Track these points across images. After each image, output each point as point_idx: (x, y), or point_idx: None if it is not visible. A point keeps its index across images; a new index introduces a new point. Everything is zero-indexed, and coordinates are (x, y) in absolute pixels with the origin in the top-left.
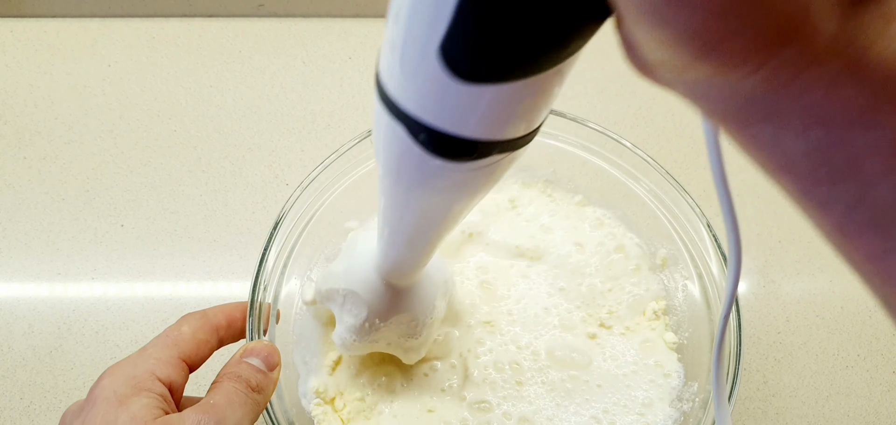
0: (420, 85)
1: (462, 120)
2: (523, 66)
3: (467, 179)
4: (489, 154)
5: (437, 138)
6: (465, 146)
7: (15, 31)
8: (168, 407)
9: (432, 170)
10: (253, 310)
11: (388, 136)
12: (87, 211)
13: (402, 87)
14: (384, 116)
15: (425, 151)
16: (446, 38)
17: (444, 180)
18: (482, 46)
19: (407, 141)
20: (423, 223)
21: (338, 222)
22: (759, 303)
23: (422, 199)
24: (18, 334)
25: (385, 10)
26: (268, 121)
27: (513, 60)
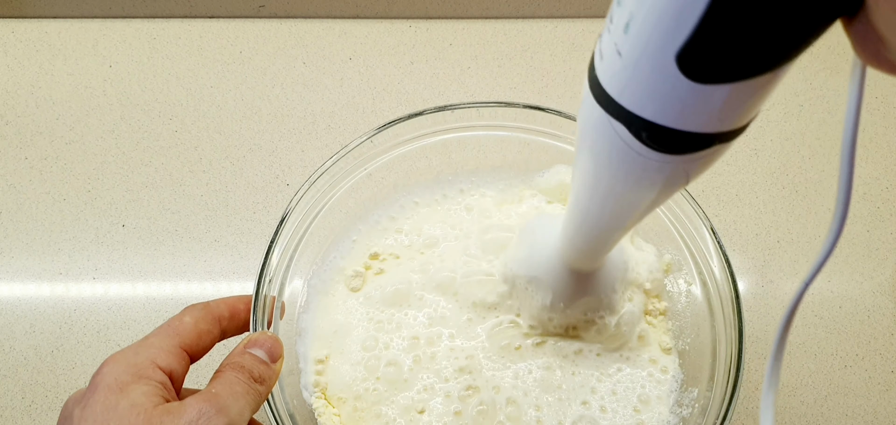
0: (650, 87)
1: (690, 117)
2: (761, 68)
3: (683, 170)
4: (711, 145)
5: (662, 134)
6: (688, 140)
7: (16, 31)
8: (168, 394)
9: (650, 164)
10: (257, 303)
11: (604, 133)
12: (89, 211)
13: (628, 90)
14: (601, 116)
15: (647, 147)
16: (686, 47)
17: (660, 173)
18: (723, 53)
19: (627, 137)
20: (623, 212)
21: (340, 221)
22: (757, 302)
23: (630, 190)
24: (20, 333)
25: (384, 11)
26: (268, 122)
27: (751, 64)
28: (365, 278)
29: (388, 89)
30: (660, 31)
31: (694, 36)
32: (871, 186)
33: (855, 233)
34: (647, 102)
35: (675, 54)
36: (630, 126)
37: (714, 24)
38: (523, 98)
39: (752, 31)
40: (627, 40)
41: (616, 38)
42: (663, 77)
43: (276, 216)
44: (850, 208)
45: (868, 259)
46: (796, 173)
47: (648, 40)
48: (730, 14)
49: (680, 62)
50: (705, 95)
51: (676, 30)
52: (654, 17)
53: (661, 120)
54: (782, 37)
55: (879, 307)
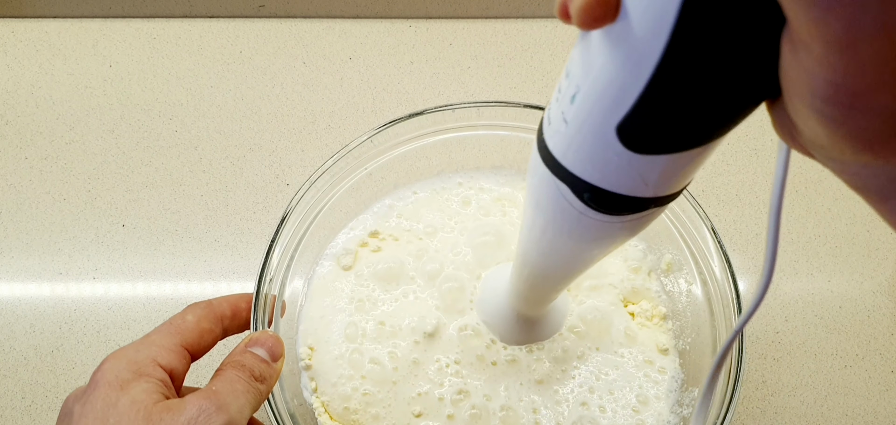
0: (592, 154)
1: (628, 182)
2: (693, 142)
3: (621, 230)
4: (646, 208)
5: (602, 196)
6: (626, 203)
7: (16, 31)
8: (169, 392)
9: (591, 223)
10: (258, 302)
11: (549, 193)
12: (89, 211)
13: (571, 155)
14: (547, 176)
15: (589, 207)
16: (625, 120)
17: (600, 231)
18: (660, 128)
19: (570, 197)
20: (565, 265)
21: (340, 221)
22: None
23: (572, 245)
24: (20, 333)
25: (384, 10)
26: (268, 122)
27: (685, 138)
28: (357, 256)
29: (388, 89)
30: (602, 104)
31: (632, 111)
32: None
33: (855, 233)
34: (589, 167)
35: (616, 126)
36: (573, 187)
37: (651, 103)
38: (523, 98)
39: (686, 110)
40: (572, 110)
41: (563, 107)
42: (604, 146)
43: (276, 216)
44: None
45: (868, 259)
46: (796, 173)
47: (592, 112)
48: (665, 95)
49: (620, 133)
50: (643, 164)
51: (617, 105)
52: (597, 92)
53: (602, 184)
54: (713, 116)
55: (879, 307)
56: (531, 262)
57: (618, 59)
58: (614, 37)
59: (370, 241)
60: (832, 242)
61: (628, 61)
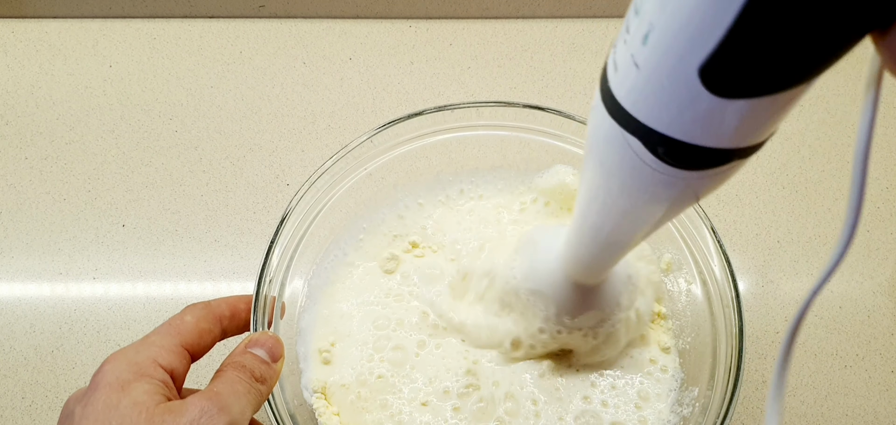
0: (670, 101)
1: (711, 132)
2: (788, 82)
3: (697, 186)
4: (729, 161)
5: (680, 149)
6: (707, 156)
7: (16, 31)
8: (170, 393)
9: (665, 179)
10: (258, 303)
11: (615, 148)
12: (89, 211)
13: (645, 103)
14: (613, 130)
15: (663, 162)
16: (710, 59)
17: (674, 188)
18: (750, 67)
19: (642, 152)
20: (632, 226)
21: (341, 221)
22: (757, 302)
23: (641, 205)
24: (20, 333)
25: (384, 10)
26: (268, 122)
27: (779, 78)
28: (400, 260)
29: (388, 89)
30: (683, 42)
31: (720, 48)
32: (871, 186)
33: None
34: (666, 116)
35: (699, 67)
36: (646, 141)
37: (742, 37)
38: (523, 98)
39: (782, 44)
40: (646, 51)
41: (633, 49)
42: (684, 90)
43: (276, 216)
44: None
45: (868, 259)
46: (796, 173)
47: (669, 52)
48: (760, 26)
49: (703, 75)
50: (728, 110)
51: (701, 42)
52: (676, 27)
53: (680, 135)
54: (812, 51)
55: (879, 307)
56: (595, 226)
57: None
58: None
59: (413, 249)
60: (832, 242)
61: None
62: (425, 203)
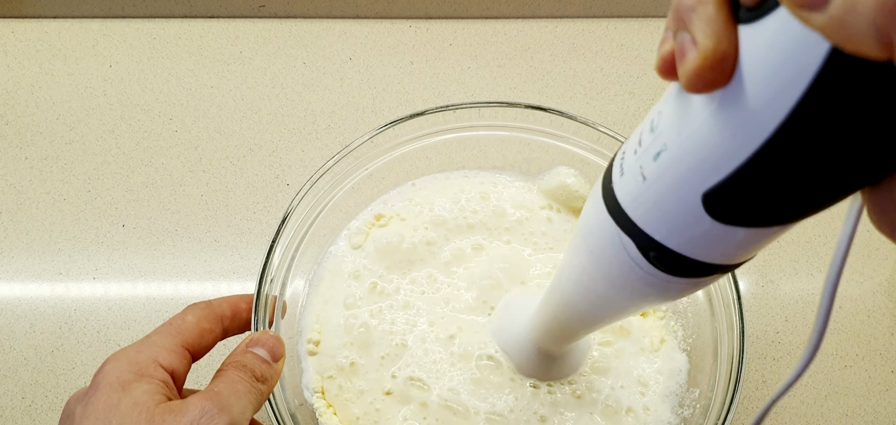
0: (670, 216)
1: (702, 248)
2: (788, 218)
3: (680, 289)
4: (712, 273)
5: (670, 258)
6: (695, 266)
7: (16, 31)
8: (170, 393)
9: (649, 280)
10: (259, 302)
11: (608, 243)
12: (89, 211)
13: (644, 211)
14: (610, 226)
15: (652, 265)
16: (715, 189)
17: (655, 288)
18: (753, 202)
19: (633, 253)
20: (605, 311)
21: (342, 221)
22: (757, 302)
23: (621, 296)
24: (20, 334)
25: (384, 10)
26: (268, 122)
27: (780, 214)
28: (367, 234)
29: (389, 89)
30: (692, 169)
31: (726, 181)
32: None
33: (855, 233)
34: (664, 228)
35: (703, 193)
36: (639, 244)
37: (749, 175)
38: (523, 98)
39: (787, 188)
40: (655, 167)
41: (642, 162)
42: (686, 210)
43: (276, 216)
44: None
45: (868, 259)
46: None
47: (678, 174)
48: (768, 169)
49: (706, 201)
50: (722, 233)
51: (710, 172)
52: (689, 155)
53: (674, 246)
54: (809, 199)
55: (879, 307)
56: (569, 303)
57: (721, 126)
58: (722, 102)
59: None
60: (832, 242)
61: (733, 130)
62: (417, 183)
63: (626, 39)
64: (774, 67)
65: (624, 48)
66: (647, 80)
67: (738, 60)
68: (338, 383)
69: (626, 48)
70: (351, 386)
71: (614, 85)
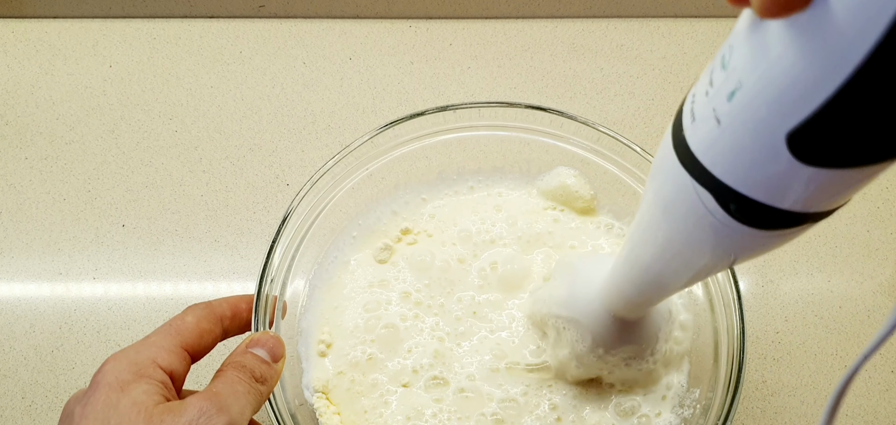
0: (751, 162)
1: (789, 196)
2: (879, 157)
3: (762, 244)
4: (801, 224)
5: (753, 208)
6: (780, 217)
7: (16, 31)
8: (169, 393)
9: (732, 234)
10: (259, 302)
11: (683, 197)
12: (89, 211)
13: (722, 159)
14: (684, 179)
15: (733, 218)
16: (801, 127)
17: (740, 244)
18: (843, 140)
19: (712, 206)
20: (685, 272)
21: (342, 221)
22: (757, 302)
23: (701, 255)
24: (20, 334)
25: (384, 10)
26: (268, 122)
27: (871, 152)
28: (393, 250)
29: (389, 89)
30: (773, 107)
31: (813, 118)
32: (871, 186)
33: (855, 233)
34: (745, 175)
35: (788, 133)
36: (718, 195)
37: (838, 110)
38: (523, 98)
39: (878, 122)
40: (731, 108)
41: (716, 104)
42: (769, 154)
43: (276, 216)
44: None
45: (868, 259)
46: None
47: (757, 113)
48: (858, 102)
49: (791, 142)
50: (809, 177)
51: (794, 109)
52: (769, 92)
53: (756, 195)
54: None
55: (879, 307)
56: (645, 265)
57: (804, 56)
58: (803, 29)
59: (404, 237)
60: (832, 242)
61: (819, 60)
62: (428, 198)
63: (626, 39)
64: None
65: (624, 48)
66: (647, 80)
67: None
68: (349, 377)
69: (626, 48)
70: (364, 379)
71: (614, 85)
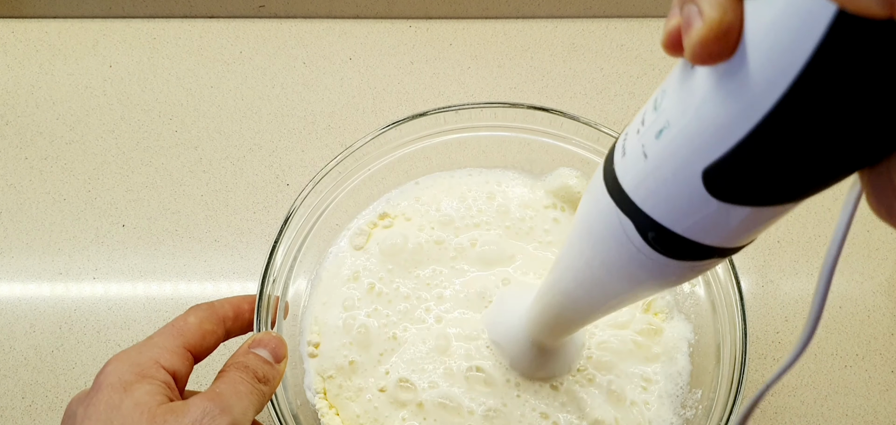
0: (670, 195)
1: (701, 229)
2: (788, 197)
3: (676, 274)
4: (710, 257)
5: (668, 239)
6: (694, 249)
7: (16, 31)
8: (172, 394)
9: (646, 264)
10: (261, 303)
11: (607, 224)
12: (89, 211)
13: (644, 191)
14: (609, 207)
15: (650, 247)
16: (715, 165)
17: (653, 273)
18: (753, 179)
19: (632, 234)
20: (604, 300)
21: (343, 221)
22: (757, 302)
23: (617, 281)
24: (20, 334)
25: (384, 10)
26: (268, 122)
27: (780, 192)
28: (369, 235)
29: (389, 89)
30: (693, 145)
31: (726, 157)
32: None
33: (855, 233)
34: (663, 207)
35: (703, 170)
36: (638, 224)
37: (749, 150)
38: (523, 98)
39: (787, 164)
40: (657, 145)
41: (645, 141)
42: (686, 188)
43: (276, 216)
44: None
45: (868, 259)
46: None
47: (679, 150)
48: (768, 144)
49: (705, 178)
50: (722, 213)
51: (710, 148)
52: (690, 131)
53: (672, 226)
54: (814, 174)
55: (879, 307)
56: (565, 290)
57: (722, 100)
58: (723, 76)
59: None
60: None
61: (734, 104)
62: (421, 182)
63: (626, 39)
64: (779, 35)
65: (624, 48)
66: (647, 80)
67: (742, 31)
68: (337, 382)
69: (626, 48)
70: (350, 384)
71: (614, 85)
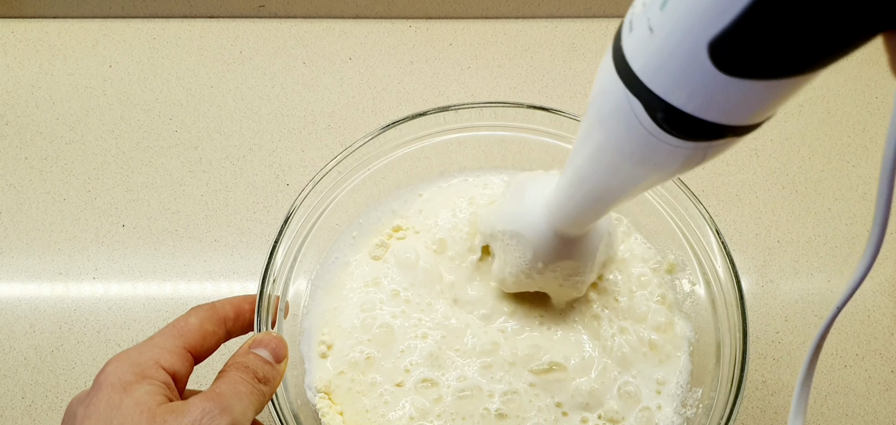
0: (676, 71)
1: (710, 106)
2: (793, 70)
3: (688, 156)
4: (723, 136)
5: (678, 118)
6: (703, 128)
7: (16, 31)
8: (172, 394)
9: (657, 146)
10: (262, 303)
11: (616, 106)
12: (89, 211)
13: (652, 68)
14: (618, 87)
15: (659, 127)
16: (721, 36)
17: (666, 155)
18: (758, 50)
19: (641, 114)
20: (621, 186)
21: (343, 221)
22: (757, 302)
23: (631, 166)
24: (20, 334)
25: (384, 10)
26: (268, 122)
27: (784, 65)
28: (387, 246)
29: (389, 89)
30: (698, 14)
31: (731, 27)
32: (870, 186)
33: (854, 234)
34: (670, 84)
35: (709, 42)
36: (647, 104)
37: (754, 19)
38: (523, 98)
39: (793, 32)
40: (662, 17)
41: (650, 13)
42: (691, 62)
43: (276, 216)
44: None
45: None
46: (796, 173)
47: (684, 21)
48: (773, 12)
49: (711, 50)
50: (730, 88)
51: (716, 17)
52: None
53: (680, 104)
54: (822, 42)
55: (879, 307)
56: (583, 179)
57: None
58: None
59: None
60: (832, 242)
61: None
62: (424, 193)
63: None
64: None
65: None
66: None
67: None
68: (349, 377)
69: None
70: (363, 379)
71: None
